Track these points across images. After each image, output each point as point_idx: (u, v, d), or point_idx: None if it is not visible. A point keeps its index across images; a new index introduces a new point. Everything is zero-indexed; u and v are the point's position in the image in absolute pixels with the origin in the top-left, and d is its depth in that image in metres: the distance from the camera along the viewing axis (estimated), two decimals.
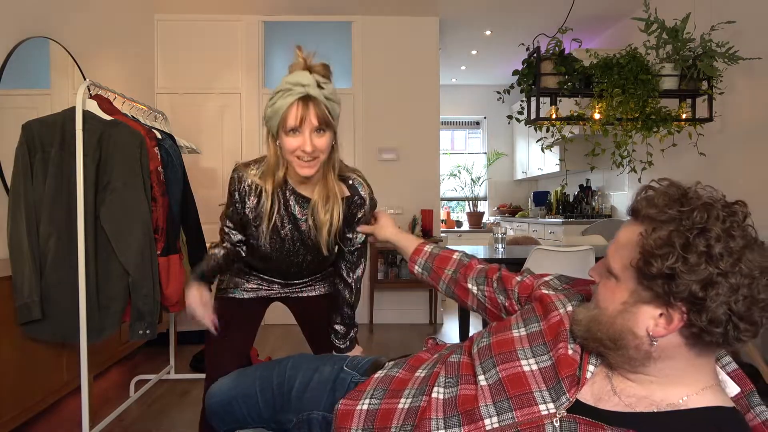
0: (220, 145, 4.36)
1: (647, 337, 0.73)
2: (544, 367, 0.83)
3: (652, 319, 0.72)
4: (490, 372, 0.87)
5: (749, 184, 3.09)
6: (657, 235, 0.71)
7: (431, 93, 4.45)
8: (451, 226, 6.67)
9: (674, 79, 2.93)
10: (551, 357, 0.84)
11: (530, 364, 0.85)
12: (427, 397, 0.89)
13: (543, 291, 0.98)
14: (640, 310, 0.73)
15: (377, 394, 0.98)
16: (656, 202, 0.74)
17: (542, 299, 0.96)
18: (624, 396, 0.77)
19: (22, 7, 2.53)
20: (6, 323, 2.00)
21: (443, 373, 0.93)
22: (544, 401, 0.79)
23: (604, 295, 0.80)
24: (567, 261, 2.57)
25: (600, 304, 0.80)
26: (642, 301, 0.73)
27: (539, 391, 0.81)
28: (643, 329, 0.73)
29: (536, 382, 0.82)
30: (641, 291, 0.73)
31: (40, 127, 2.03)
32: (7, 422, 2.00)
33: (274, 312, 4.23)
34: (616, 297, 0.76)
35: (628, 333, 0.75)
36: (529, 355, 0.86)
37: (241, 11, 4.29)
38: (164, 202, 2.22)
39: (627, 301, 0.75)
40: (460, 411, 0.84)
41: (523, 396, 0.81)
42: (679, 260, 0.68)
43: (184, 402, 2.66)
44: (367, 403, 0.97)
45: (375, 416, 0.94)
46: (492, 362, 0.88)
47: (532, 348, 0.87)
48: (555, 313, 0.90)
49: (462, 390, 0.88)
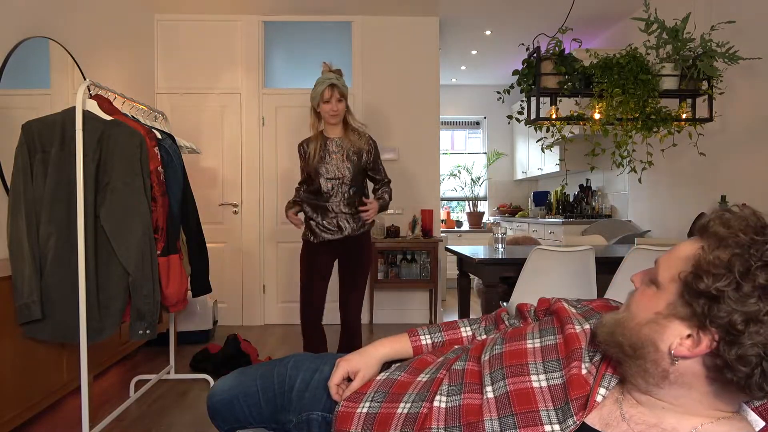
0: (220, 145, 4.36)
1: (668, 354, 0.70)
2: (554, 385, 0.81)
3: (678, 337, 0.69)
4: (498, 383, 0.84)
5: (749, 184, 3.09)
6: (718, 253, 0.67)
7: (431, 93, 4.45)
8: (451, 226, 6.67)
9: (674, 79, 2.93)
10: (563, 375, 0.81)
11: (540, 380, 0.82)
12: (428, 404, 0.87)
13: (562, 305, 0.95)
14: (670, 324, 0.71)
15: (377, 397, 0.96)
16: (731, 224, 0.70)
17: (560, 312, 0.93)
18: (633, 423, 0.74)
19: (22, 7, 2.53)
20: (6, 323, 2.01)
21: (447, 381, 0.91)
22: (550, 422, 0.77)
23: (639, 300, 0.77)
24: (567, 261, 2.57)
25: (631, 309, 0.77)
26: (676, 316, 0.70)
27: (546, 410, 0.78)
28: (666, 345, 0.70)
29: (544, 401, 0.80)
30: (680, 305, 0.70)
31: (40, 127, 2.03)
32: (7, 422, 2.00)
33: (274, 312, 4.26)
34: (651, 305, 0.74)
35: (650, 344, 0.72)
36: (540, 371, 0.84)
37: (241, 11, 4.29)
38: (164, 202, 2.22)
39: (661, 312, 0.72)
40: (462, 422, 0.82)
41: (529, 414, 0.79)
42: (731, 285, 0.64)
43: (184, 402, 2.66)
44: (367, 407, 0.95)
45: (374, 420, 0.92)
46: (501, 373, 0.85)
47: (545, 363, 0.84)
48: (570, 328, 0.87)
49: (465, 399, 0.85)
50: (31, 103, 2.67)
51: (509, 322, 1.08)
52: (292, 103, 4.34)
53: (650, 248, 2.52)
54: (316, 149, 2.50)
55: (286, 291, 4.36)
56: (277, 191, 4.37)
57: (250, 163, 4.39)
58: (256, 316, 4.40)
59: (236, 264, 4.38)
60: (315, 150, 2.50)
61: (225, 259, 4.32)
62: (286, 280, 4.36)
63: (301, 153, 2.58)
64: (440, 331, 1.12)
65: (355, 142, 2.53)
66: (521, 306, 1.09)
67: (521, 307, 1.09)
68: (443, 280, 4.88)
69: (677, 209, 3.75)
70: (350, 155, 2.51)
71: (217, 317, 4.02)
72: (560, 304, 0.96)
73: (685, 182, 3.65)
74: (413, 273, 4.37)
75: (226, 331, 3.73)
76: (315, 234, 2.54)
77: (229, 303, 4.36)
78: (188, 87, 4.33)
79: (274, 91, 4.42)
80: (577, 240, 3.89)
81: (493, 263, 2.78)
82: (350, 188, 2.51)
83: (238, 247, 4.38)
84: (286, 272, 4.35)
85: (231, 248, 4.37)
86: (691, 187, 3.61)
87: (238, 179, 4.38)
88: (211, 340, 3.82)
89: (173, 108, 4.25)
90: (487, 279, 2.77)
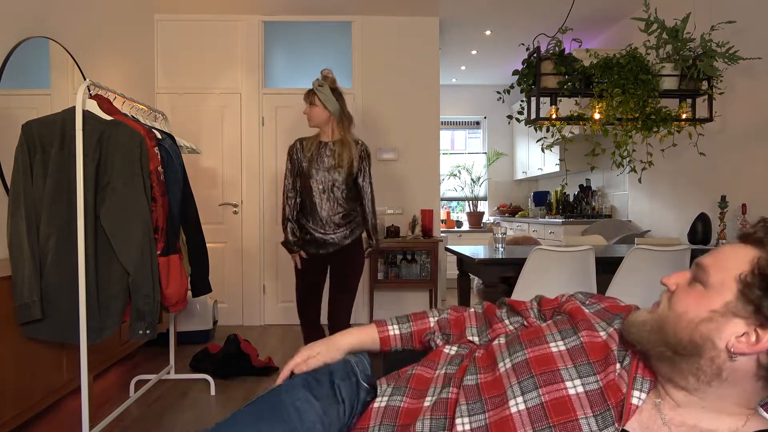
0: (220, 145, 4.36)
1: (725, 351, 0.72)
2: (591, 391, 0.78)
3: (735, 334, 0.71)
4: (530, 394, 0.80)
5: (749, 184, 3.09)
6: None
7: (431, 93, 4.45)
8: (451, 226, 6.67)
9: (674, 79, 2.93)
10: (598, 381, 0.79)
11: (576, 386, 0.79)
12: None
13: (575, 304, 0.93)
14: (729, 321, 0.72)
15: (385, 431, 0.86)
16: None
17: (575, 312, 0.90)
18: (673, 425, 0.75)
19: (22, 7, 2.53)
20: (6, 323, 2.01)
21: (463, 399, 0.83)
22: (590, 430, 0.75)
23: (684, 300, 0.76)
24: (567, 261, 2.57)
25: (676, 308, 0.77)
26: (736, 314, 0.72)
27: (585, 417, 0.76)
28: (724, 342, 0.72)
29: (582, 407, 0.77)
30: (740, 304, 0.72)
31: (40, 127, 2.03)
32: (7, 422, 2.00)
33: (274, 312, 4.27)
34: (703, 304, 0.74)
35: (708, 341, 0.73)
36: (574, 375, 0.80)
37: (241, 11, 4.29)
38: (164, 202, 2.22)
39: (717, 310, 0.73)
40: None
41: (568, 424, 0.76)
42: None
43: (184, 402, 2.66)
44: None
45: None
46: (533, 383, 0.81)
47: (576, 367, 0.81)
48: (595, 333, 0.85)
49: (492, 417, 0.80)
50: (31, 103, 2.67)
51: (509, 320, 1.03)
52: (292, 103, 4.33)
53: (650, 248, 2.52)
54: (309, 148, 2.54)
55: (286, 291, 4.35)
56: (277, 191, 4.37)
57: (250, 163, 4.39)
58: (256, 316, 4.40)
59: (236, 264, 4.38)
60: (308, 149, 2.54)
61: (225, 259, 4.32)
62: (286, 280, 4.35)
63: (292, 153, 2.58)
64: (408, 321, 1.10)
65: (356, 153, 2.54)
66: (517, 304, 1.04)
67: (517, 305, 1.04)
68: (443, 280, 4.88)
69: (677, 209, 3.75)
70: (348, 159, 2.51)
71: (217, 317, 4.02)
72: (573, 304, 0.93)
73: (685, 182, 3.65)
74: (413, 273, 4.37)
75: (226, 331, 3.72)
76: (306, 249, 2.58)
77: (229, 303, 4.36)
78: (188, 87, 4.33)
79: (274, 91, 4.42)
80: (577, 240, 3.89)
81: (493, 263, 2.77)
82: (342, 192, 2.52)
83: (238, 247, 4.38)
84: (286, 272, 4.34)
85: (231, 248, 4.37)
86: (691, 187, 3.61)
87: (238, 179, 4.38)
88: (211, 340, 3.82)
89: (173, 108, 4.25)
90: (487, 279, 2.77)
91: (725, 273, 0.74)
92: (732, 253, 0.76)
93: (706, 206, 3.37)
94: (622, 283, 2.55)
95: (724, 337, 0.72)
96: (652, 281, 2.55)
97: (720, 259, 0.76)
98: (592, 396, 0.78)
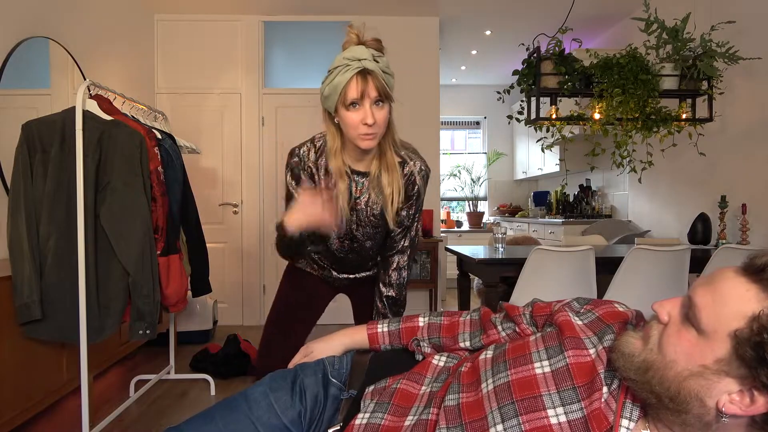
0: (220, 145, 4.36)
1: (715, 410, 0.66)
2: (574, 420, 0.74)
3: (727, 394, 0.65)
4: (511, 421, 0.76)
5: (749, 184, 3.09)
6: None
7: (431, 93, 4.45)
8: (451, 226, 6.67)
9: (674, 79, 2.93)
10: (582, 408, 0.74)
11: (558, 414, 0.75)
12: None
13: (566, 316, 0.87)
14: (720, 380, 0.65)
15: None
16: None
17: (565, 327, 0.85)
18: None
19: (22, 7, 2.53)
20: (6, 323, 2.00)
21: (443, 422, 0.80)
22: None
23: (676, 344, 0.69)
24: (567, 261, 2.57)
25: (666, 353, 0.70)
26: (728, 373, 0.65)
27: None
28: (714, 401, 0.65)
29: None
30: (734, 364, 0.64)
31: (40, 127, 2.03)
32: (7, 422, 2.00)
33: None
34: (695, 356, 0.67)
35: (695, 399, 0.67)
36: (557, 403, 0.76)
37: (241, 11, 4.29)
38: (164, 202, 2.22)
39: (709, 367, 0.66)
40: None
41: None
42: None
43: (184, 402, 2.66)
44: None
45: None
46: (513, 409, 0.77)
47: (560, 393, 0.77)
48: (585, 354, 0.80)
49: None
50: (31, 103, 2.67)
51: (502, 326, 1.01)
52: (292, 103, 4.35)
53: (650, 248, 2.52)
54: (342, 188, 1.40)
55: None
56: (277, 191, 4.37)
57: (250, 163, 4.39)
58: (256, 316, 4.40)
59: (236, 264, 4.38)
60: (342, 190, 1.40)
61: (225, 259, 4.32)
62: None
63: (296, 176, 1.46)
64: (399, 322, 1.12)
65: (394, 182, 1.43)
66: (511, 309, 1.02)
67: (511, 311, 1.02)
68: (443, 280, 4.87)
69: (677, 209, 3.75)
70: (393, 200, 1.42)
71: (217, 317, 4.02)
72: (564, 316, 0.88)
73: (685, 182, 3.65)
74: (413, 273, 4.37)
75: (226, 331, 3.72)
76: (314, 267, 1.67)
77: (229, 303, 4.36)
78: (188, 87, 4.33)
79: (274, 91, 4.42)
80: (577, 240, 3.89)
81: (493, 263, 2.77)
82: (371, 247, 1.57)
83: (238, 247, 4.38)
84: None
85: (231, 248, 4.37)
86: (691, 187, 3.61)
87: (238, 179, 4.38)
88: (211, 340, 3.82)
89: (173, 108, 4.24)
90: (487, 279, 2.77)
91: (719, 322, 0.66)
92: (731, 290, 0.67)
93: (706, 206, 3.37)
94: (622, 283, 2.55)
95: (715, 395, 0.66)
96: (652, 281, 2.55)
97: (716, 297, 0.67)
98: (575, 425, 0.74)
